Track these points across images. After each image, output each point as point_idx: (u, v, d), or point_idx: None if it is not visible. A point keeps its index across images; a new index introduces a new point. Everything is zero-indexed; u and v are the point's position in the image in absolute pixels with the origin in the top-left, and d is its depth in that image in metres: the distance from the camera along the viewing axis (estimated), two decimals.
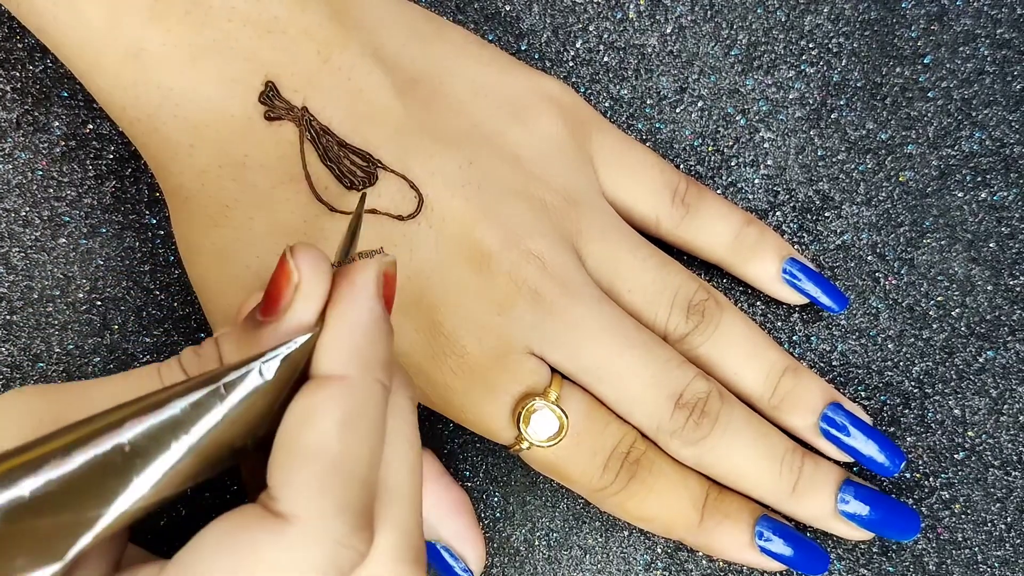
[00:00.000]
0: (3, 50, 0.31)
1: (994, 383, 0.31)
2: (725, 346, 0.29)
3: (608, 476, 0.28)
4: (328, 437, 0.18)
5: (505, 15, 0.32)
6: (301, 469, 0.18)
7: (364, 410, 0.19)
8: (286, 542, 0.18)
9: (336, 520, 0.18)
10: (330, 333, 0.19)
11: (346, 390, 0.19)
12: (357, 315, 0.20)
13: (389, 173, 0.27)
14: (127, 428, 0.17)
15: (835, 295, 0.31)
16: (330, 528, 0.18)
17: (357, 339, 0.20)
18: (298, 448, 0.18)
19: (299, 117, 0.26)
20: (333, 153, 0.26)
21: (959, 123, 0.32)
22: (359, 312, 0.20)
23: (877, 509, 0.29)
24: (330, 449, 0.18)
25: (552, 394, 0.27)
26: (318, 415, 0.19)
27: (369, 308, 0.20)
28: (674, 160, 0.32)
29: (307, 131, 0.26)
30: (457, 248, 0.27)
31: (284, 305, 0.20)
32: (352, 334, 0.20)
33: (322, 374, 0.19)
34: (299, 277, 0.19)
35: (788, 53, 0.32)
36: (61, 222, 0.31)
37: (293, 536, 0.18)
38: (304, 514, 0.18)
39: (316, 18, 0.26)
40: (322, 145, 0.26)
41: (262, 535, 0.18)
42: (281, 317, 0.20)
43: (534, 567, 0.31)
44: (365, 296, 0.20)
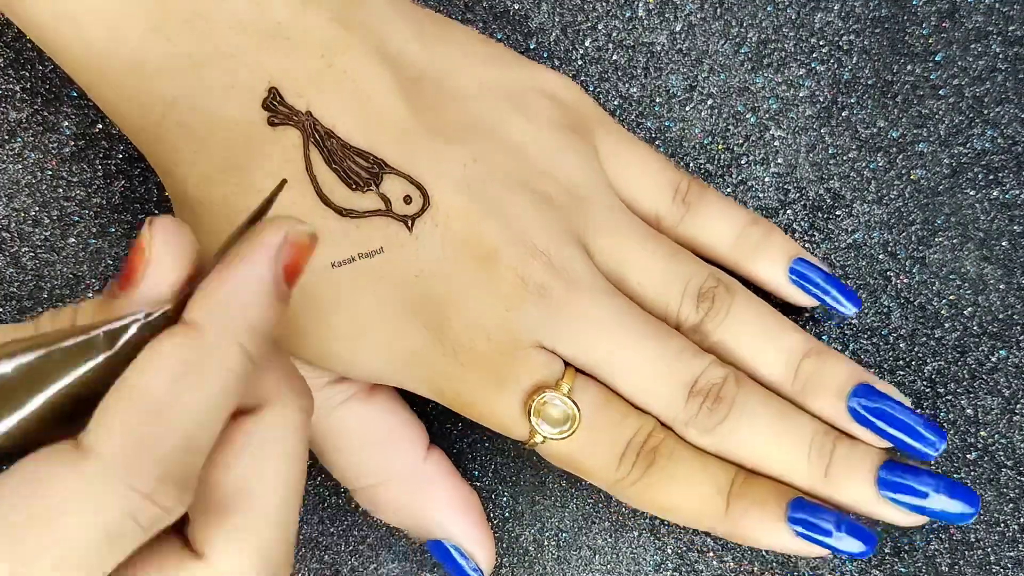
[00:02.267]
0: (13, 50, 0.31)
1: (1007, 383, 0.31)
2: (739, 331, 0.29)
3: (625, 467, 0.27)
4: (155, 382, 0.18)
5: (514, 13, 0.32)
6: (117, 406, 0.18)
7: (207, 367, 0.18)
8: (78, 475, 0.17)
9: (138, 463, 0.17)
10: (205, 285, 0.19)
11: (193, 341, 0.18)
12: (238, 273, 0.19)
13: (394, 174, 0.27)
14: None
15: (849, 296, 0.30)
16: (128, 470, 0.17)
17: (228, 296, 0.19)
18: (122, 387, 0.18)
19: (303, 122, 0.26)
20: (338, 156, 0.26)
21: (971, 121, 0.32)
22: (242, 271, 0.19)
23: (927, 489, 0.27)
24: (152, 393, 0.18)
25: (564, 386, 0.27)
26: (154, 360, 0.18)
27: (256, 271, 0.19)
28: (684, 158, 0.32)
29: (311, 135, 0.26)
30: (463, 246, 0.27)
31: (136, 279, 0.19)
32: (224, 289, 0.19)
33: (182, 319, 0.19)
34: (151, 251, 0.19)
35: (798, 51, 0.32)
36: (71, 222, 0.31)
37: (86, 469, 0.17)
38: (104, 449, 0.17)
39: (318, 21, 0.26)
40: (327, 148, 0.26)
41: (59, 466, 0.17)
42: (132, 290, 0.19)
43: (543, 567, 0.31)
44: (257, 257, 0.19)
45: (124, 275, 0.20)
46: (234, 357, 0.19)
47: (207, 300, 0.19)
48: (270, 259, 0.19)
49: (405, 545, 0.31)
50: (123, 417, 0.18)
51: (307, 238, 0.20)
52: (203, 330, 0.18)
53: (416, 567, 0.31)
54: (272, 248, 0.19)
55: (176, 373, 0.18)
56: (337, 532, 0.31)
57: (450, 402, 0.28)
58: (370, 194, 0.26)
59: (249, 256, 0.19)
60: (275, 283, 0.19)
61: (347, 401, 0.28)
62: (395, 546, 0.31)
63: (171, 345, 0.18)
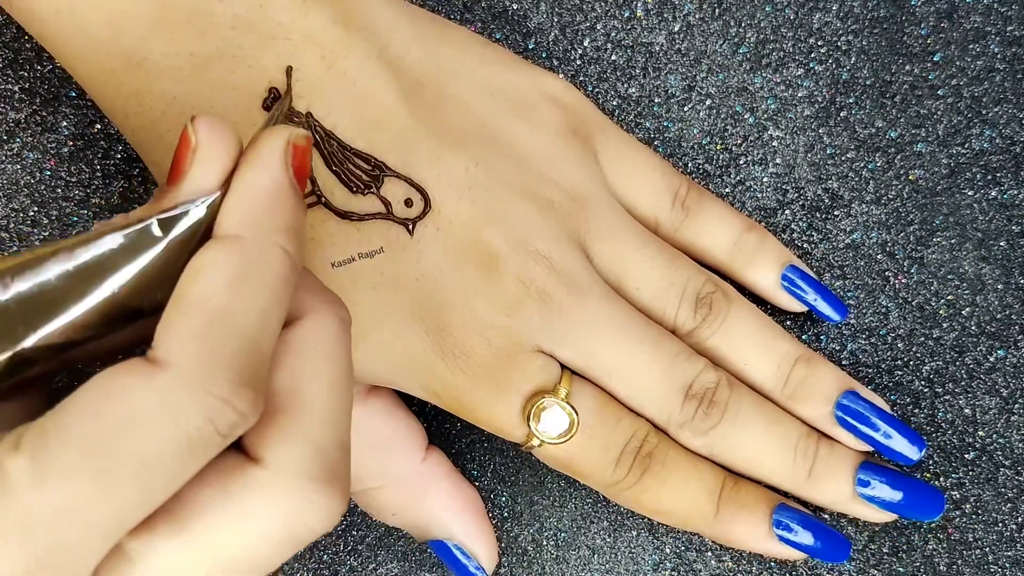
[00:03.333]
0: (11, 50, 0.31)
1: (1005, 382, 0.31)
2: (734, 337, 0.29)
3: (621, 470, 0.28)
4: (213, 291, 0.18)
5: (512, 14, 0.32)
6: (181, 319, 0.18)
7: (256, 270, 0.19)
8: (157, 386, 0.17)
9: (211, 370, 0.18)
10: (230, 197, 0.19)
11: (238, 248, 0.19)
12: (258, 179, 0.19)
13: (395, 176, 0.27)
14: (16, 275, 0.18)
15: (835, 304, 0.31)
16: (204, 377, 0.17)
17: (255, 202, 0.19)
18: (182, 300, 0.18)
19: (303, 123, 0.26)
20: (338, 158, 0.26)
21: (969, 121, 0.32)
22: (261, 176, 0.20)
23: (899, 490, 0.29)
24: (214, 302, 0.18)
25: (562, 391, 0.27)
26: (207, 269, 0.18)
27: (272, 174, 0.20)
28: (682, 159, 0.32)
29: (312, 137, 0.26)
30: (464, 250, 0.27)
31: (183, 171, 0.19)
32: (250, 196, 0.19)
33: (219, 235, 0.19)
34: (196, 142, 0.19)
35: (797, 51, 0.32)
36: (69, 222, 0.31)
37: (163, 380, 0.17)
38: (177, 360, 0.17)
39: (319, 23, 0.26)
40: (327, 150, 0.26)
41: (133, 379, 0.17)
42: (181, 182, 0.19)
43: (542, 567, 0.31)
44: (269, 162, 0.20)
45: (172, 170, 0.20)
46: (279, 258, 0.19)
47: (238, 210, 0.19)
48: (282, 161, 0.20)
49: (404, 545, 0.32)
50: (190, 328, 0.18)
51: (305, 140, 0.21)
52: (243, 238, 0.19)
53: (415, 566, 0.31)
54: (280, 151, 0.20)
55: (231, 280, 0.18)
56: (336, 532, 0.31)
57: (448, 406, 0.28)
58: (371, 197, 0.26)
59: (263, 161, 0.20)
60: (291, 184, 0.20)
61: None
62: (394, 546, 0.31)
63: (219, 255, 0.19)
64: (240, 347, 0.18)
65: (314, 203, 0.26)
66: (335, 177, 0.26)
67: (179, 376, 0.17)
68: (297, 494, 0.19)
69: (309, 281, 0.22)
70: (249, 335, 0.18)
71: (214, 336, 0.18)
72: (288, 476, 0.19)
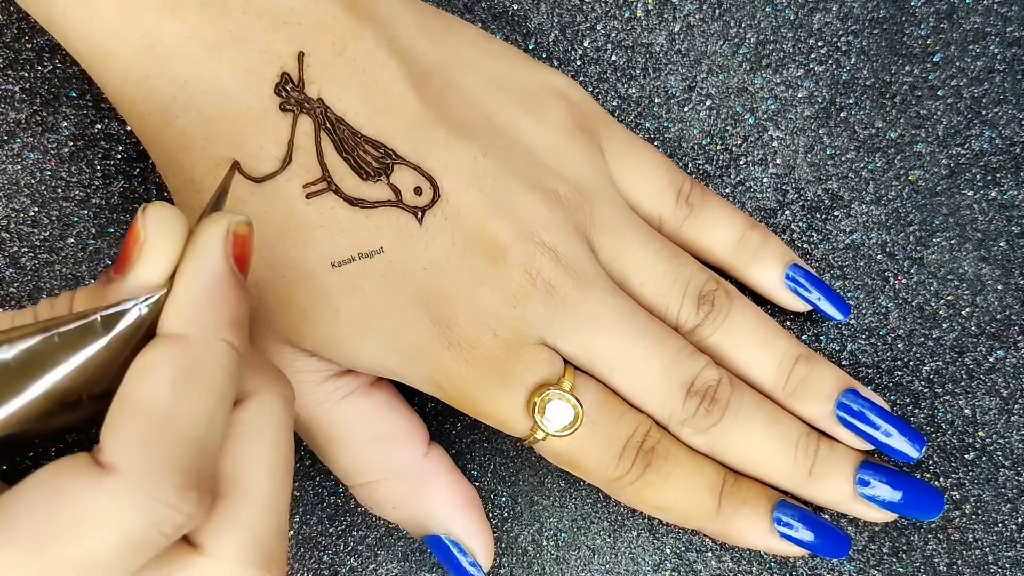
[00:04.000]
0: (12, 50, 0.31)
1: (1004, 383, 0.31)
2: (735, 335, 0.29)
3: (624, 466, 0.28)
4: (158, 393, 0.18)
5: (513, 14, 0.32)
6: (128, 422, 0.18)
7: (202, 369, 0.19)
8: (102, 491, 0.17)
9: (157, 476, 0.18)
10: (174, 293, 0.19)
11: (183, 348, 0.19)
12: (200, 274, 0.20)
13: (404, 164, 0.27)
14: None
15: (838, 303, 0.31)
16: (150, 483, 0.18)
17: (198, 297, 0.19)
18: (128, 401, 0.18)
19: (315, 109, 0.26)
20: (348, 144, 0.26)
21: (969, 121, 0.32)
22: (202, 271, 0.20)
23: (899, 489, 0.29)
24: (159, 405, 0.18)
25: (566, 384, 0.27)
26: (151, 371, 0.19)
27: (213, 267, 0.20)
28: (682, 159, 0.32)
29: (323, 122, 0.26)
30: (472, 240, 0.27)
31: (131, 263, 0.20)
32: (192, 292, 0.19)
33: (163, 332, 0.19)
34: (145, 236, 0.20)
35: (797, 51, 0.32)
36: (69, 222, 0.31)
37: (110, 486, 0.17)
38: (123, 465, 0.18)
39: (330, 10, 0.26)
40: (337, 136, 0.26)
41: (81, 482, 0.17)
42: (127, 274, 0.20)
43: (542, 567, 0.31)
44: (210, 254, 0.20)
45: (119, 260, 0.20)
46: (224, 353, 0.19)
47: (181, 307, 0.19)
48: (222, 253, 0.20)
49: (404, 546, 0.32)
50: (135, 432, 0.18)
51: (246, 227, 0.21)
52: (187, 337, 0.19)
53: (415, 567, 0.31)
54: (220, 242, 0.20)
55: (176, 381, 0.18)
56: (336, 532, 0.31)
57: (451, 398, 0.28)
58: (380, 184, 0.26)
59: (204, 255, 0.20)
60: (233, 274, 0.20)
61: (348, 396, 0.28)
62: (394, 546, 0.31)
63: (164, 355, 0.19)
64: (186, 449, 0.18)
65: (324, 190, 0.26)
66: (345, 164, 0.26)
67: (125, 482, 0.18)
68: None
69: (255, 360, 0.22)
70: (195, 436, 0.19)
71: (160, 440, 0.18)
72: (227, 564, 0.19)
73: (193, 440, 0.18)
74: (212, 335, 0.19)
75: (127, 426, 0.18)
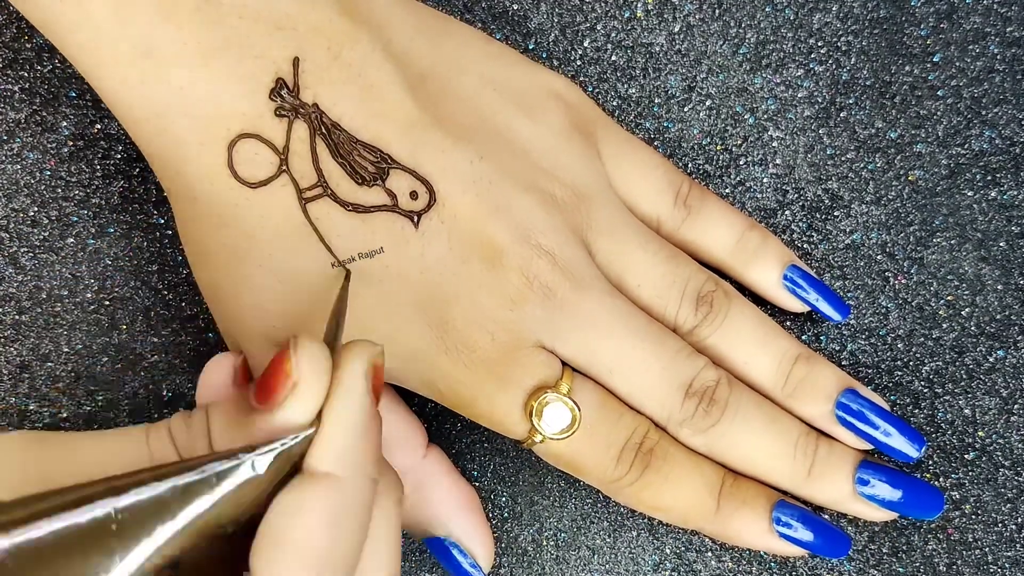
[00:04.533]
0: (11, 50, 0.31)
1: (1004, 383, 0.31)
2: (734, 336, 0.29)
3: (622, 467, 0.28)
4: (315, 533, 0.19)
5: (513, 14, 0.32)
6: (283, 559, 0.19)
7: (352, 508, 0.20)
8: None
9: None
10: (324, 432, 0.20)
11: (336, 489, 0.19)
12: (349, 414, 0.20)
13: (400, 169, 0.27)
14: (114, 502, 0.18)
15: (836, 303, 0.31)
16: None
17: (349, 438, 0.20)
18: (284, 540, 0.19)
19: (310, 113, 0.26)
20: (344, 149, 0.26)
21: (969, 122, 0.32)
22: (351, 411, 0.20)
23: (899, 488, 0.29)
24: (316, 545, 0.19)
25: (564, 387, 0.27)
26: (306, 511, 0.19)
27: (361, 407, 0.20)
28: (682, 159, 0.32)
29: (318, 128, 0.26)
30: (469, 244, 0.27)
31: (280, 399, 0.20)
32: (344, 433, 0.20)
33: (312, 471, 0.20)
34: (299, 376, 0.20)
35: (797, 51, 0.32)
36: (69, 222, 0.31)
37: None
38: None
39: (326, 14, 0.26)
40: (333, 141, 0.26)
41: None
42: (275, 410, 0.20)
43: (542, 567, 0.31)
44: (357, 394, 0.20)
45: (265, 390, 0.20)
46: (368, 490, 0.20)
47: (332, 447, 0.20)
48: (367, 390, 0.21)
49: (404, 546, 0.32)
50: (291, 569, 0.19)
51: (382, 358, 0.21)
52: (338, 477, 0.20)
53: (415, 567, 0.31)
54: (364, 378, 0.21)
55: (329, 521, 0.19)
56: None
57: (449, 401, 0.28)
58: (376, 189, 0.26)
59: (351, 395, 0.20)
60: (376, 412, 0.21)
61: None
62: None
63: (317, 495, 0.19)
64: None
65: (319, 195, 0.26)
66: (340, 168, 0.26)
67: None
68: None
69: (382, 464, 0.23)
70: (344, 569, 0.19)
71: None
72: None
73: (343, 573, 0.19)
74: (361, 474, 0.20)
75: (282, 563, 0.19)
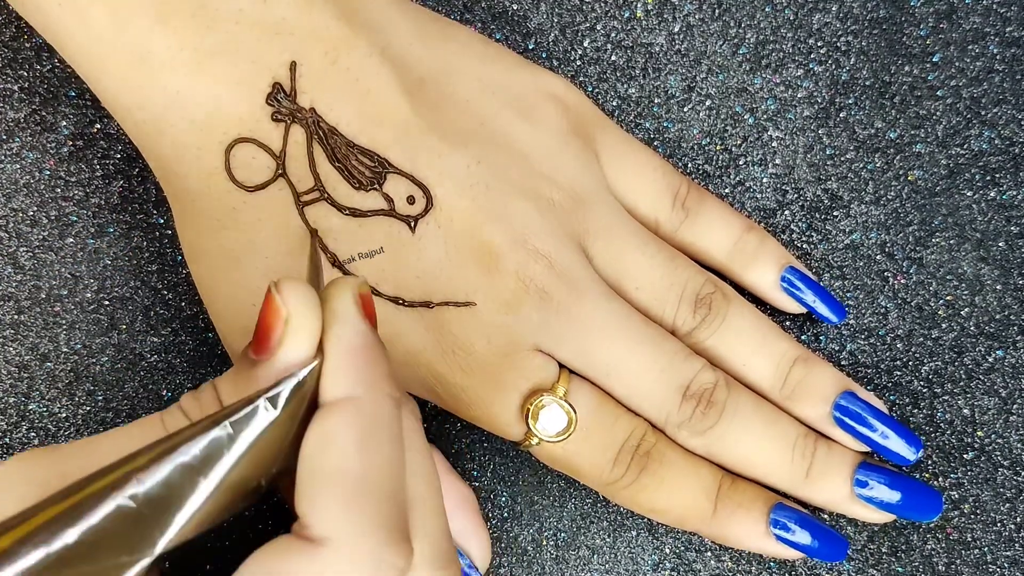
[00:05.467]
0: (11, 49, 0.31)
1: (1003, 383, 0.31)
2: (733, 338, 0.29)
3: (619, 469, 0.28)
4: (349, 457, 0.19)
5: (512, 14, 0.32)
6: (327, 492, 0.18)
7: (380, 425, 0.19)
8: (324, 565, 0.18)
9: (371, 537, 0.18)
10: (330, 360, 0.20)
11: (358, 409, 0.19)
12: (349, 338, 0.20)
13: (397, 173, 0.27)
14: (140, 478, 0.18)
15: (833, 305, 0.31)
16: (365, 546, 0.18)
17: (357, 360, 0.20)
18: (321, 473, 0.19)
19: (307, 118, 0.26)
20: (341, 154, 0.26)
21: (968, 122, 0.32)
22: (350, 335, 0.20)
23: (897, 490, 0.29)
24: (352, 468, 0.19)
25: (560, 389, 0.27)
26: (336, 438, 0.19)
27: (357, 329, 0.20)
28: (682, 159, 0.32)
29: (315, 132, 0.26)
30: (465, 248, 0.27)
31: (275, 341, 0.20)
32: (350, 356, 0.20)
33: (330, 400, 0.20)
34: (288, 312, 0.20)
35: (796, 51, 0.32)
36: (68, 222, 0.31)
37: (329, 558, 0.18)
38: (336, 535, 0.18)
39: (323, 19, 0.26)
40: (330, 146, 0.26)
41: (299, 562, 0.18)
42: (275, 353, 0.20)
43: (542, 567, 0.31)
44: (350, 318, 0.20)
45: (260, 340, 0.20)
46: (391, 405, 0.20)
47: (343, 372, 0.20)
48: (360, 315, 0.21)
49: None
50: (336, 500, 0.18)
51: (367, 287, 0.21)
52: (358, 398, 0.20)
53: None
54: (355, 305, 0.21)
55: (360, 443, 0.19)
56: None
57: (446, 404, 0.28)
58: (373, 193, 0.26)
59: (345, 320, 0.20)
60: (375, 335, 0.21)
61: None
62: None
63: (342, 420, 0.19)
64: (385, 505, 0.19)
65: (317, 199, 0.26)
66: (337, 173, 0.26)
67: (342, 552, 0.18)
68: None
69: None
70: (389, 490, 0.19)
71: (362, 503, 0.19)
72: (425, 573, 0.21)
73: (388, 494, 0.19)
74: (378, 391, 0.20)
75: (326, 497, 0.18)
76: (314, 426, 0.19)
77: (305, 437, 0.19)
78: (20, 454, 0.20)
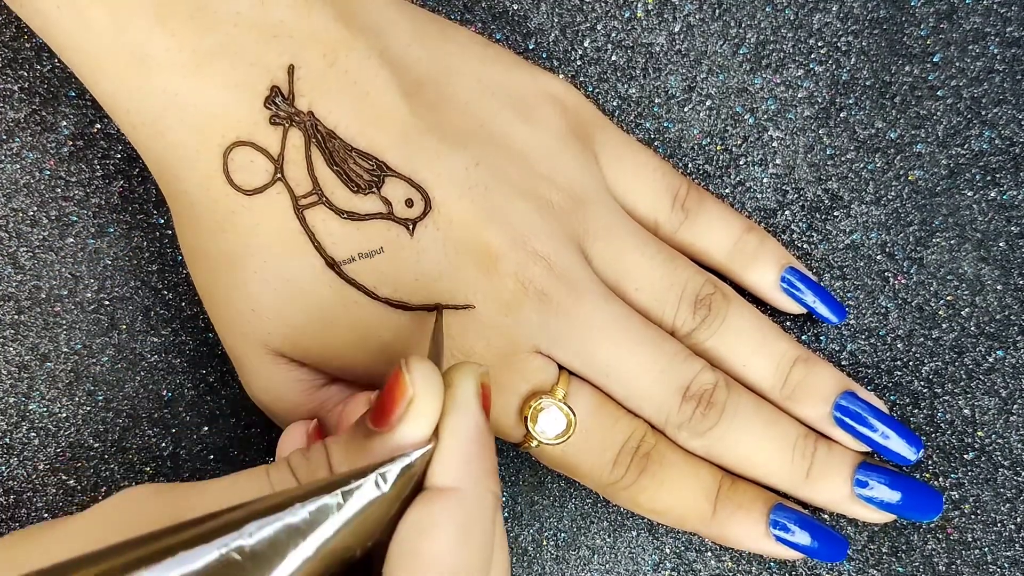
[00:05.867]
0: (11, 49, 0.31)
1: (1004, 383, 0.31)
2: (733, 338, 0.30)
3: (619, 471, 0.28)
4: (446, 549, 0.19)
5: (513, 14, 0.32)
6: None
7: (477, 521, 0.20)
8: None
9: None
10: (443, 447, 0.20)
11: (461, 502, 0.20)
12: (465, 428, 0.20)
13: (396, 176, 0.27)
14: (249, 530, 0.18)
15: (833, 306, 0.31)
16: None
17: (468, 451, 0.20)
18: (414, 556, 0.19)
19: (305, 121, 0.26)
20: (339, 157, 0.26)
21: (968, 122, 0.32)
22: (466, 425, 0.20)
23: (897, 490, 0.29)
24: (446, 561, 0.19)
25: (559, 392, 0.27)
26: (436, 527, 0.19)
27: (475, 420, 0.21)
28: (682, 159, 0.32)
29: (313, 135, 0.26)
30: (464, 250, 0.27)
31: (396, 418, 0.20)
32: (464, 447, 0.20)
33: (437, 486, 0.20)
34: (414, 393, 0.20)
35: (797, 51, 0.32)
36: (69, 222, 0.31)
37: None
38: None
39: (321, 21, 0.26)
40: (328, 149, 0.26)
41: None
42: (394, 429, 0.20)
43: (542, 567, 0.31)
44: (470, 408, 0.21)
45: (381, 412, 0.20)
46: (492, 504, 0.20)
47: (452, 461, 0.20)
48: (479, 405, 0.21)
49: None
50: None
51: (487, 376, 0.22)
52: (462, 491, 0.20)
53: None
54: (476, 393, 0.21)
55: (459, 536, 0.19)
56: None
57: None
58: (372, 196, 0.26)
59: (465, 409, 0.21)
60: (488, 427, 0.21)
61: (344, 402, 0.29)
62: None
63: (444, 510, 0.20)
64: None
65: (315, 203, 0.26)
66: (336, 176, 0.26)
67: None
68: None
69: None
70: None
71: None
72: None
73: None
74: (483, 487, 0.20)
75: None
76: (416, 509, 0.19)
77: (404, 516, 0.19)
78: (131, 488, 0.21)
